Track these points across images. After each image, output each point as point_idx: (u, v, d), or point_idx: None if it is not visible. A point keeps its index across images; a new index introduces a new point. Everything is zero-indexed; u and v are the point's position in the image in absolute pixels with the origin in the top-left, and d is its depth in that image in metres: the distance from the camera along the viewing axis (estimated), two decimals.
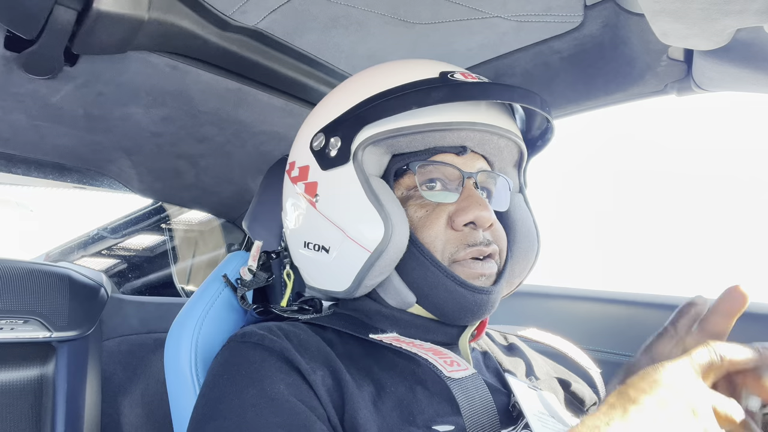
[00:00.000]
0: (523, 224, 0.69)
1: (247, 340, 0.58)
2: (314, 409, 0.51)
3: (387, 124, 0.59)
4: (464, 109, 0.61)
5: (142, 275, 1.79)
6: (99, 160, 1.13)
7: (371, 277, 0.60)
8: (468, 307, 0.60)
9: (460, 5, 0.78)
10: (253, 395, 0.51)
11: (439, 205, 0.62)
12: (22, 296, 1.04)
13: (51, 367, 1.07)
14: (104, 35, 0.73)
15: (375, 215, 0.57)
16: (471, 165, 0.64)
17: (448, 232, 0.61)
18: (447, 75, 0.62)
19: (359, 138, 0.60)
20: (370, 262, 0.58)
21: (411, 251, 0.60)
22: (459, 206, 0.61)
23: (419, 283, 0.61)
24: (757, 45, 0.62)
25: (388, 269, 0.60)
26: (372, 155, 0.61)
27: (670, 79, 0.85)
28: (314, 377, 0.53)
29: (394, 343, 0.57)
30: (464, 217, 0.60)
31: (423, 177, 0.62)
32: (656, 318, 1.06)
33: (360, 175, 0.59)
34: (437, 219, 0.61)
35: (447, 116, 0.60)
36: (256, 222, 0.87)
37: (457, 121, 0.60)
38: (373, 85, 0.63)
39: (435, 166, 0.62)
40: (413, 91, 0.59)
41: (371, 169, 0.61)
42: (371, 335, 0.60)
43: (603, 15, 0.78)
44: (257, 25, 0.82)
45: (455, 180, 0.63)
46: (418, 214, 0.62)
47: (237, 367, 0.55)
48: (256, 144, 1.14)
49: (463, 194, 0.61)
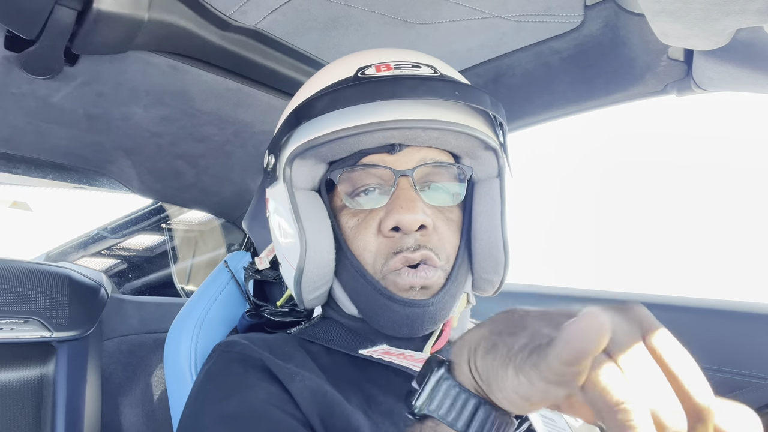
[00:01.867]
0: (486, 217, 0.62)
1: (230, 350, 0.58)
2: (295, 417, 0.51)
3: (306, 134, 0.57)
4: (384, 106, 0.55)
5: (142, 275, 1.79)
6: (99, 160, 1.13)
7: (307, 292, 0.59)
8: (401, 321, 0.56)
9: (460, 5, 0.78)
10: (234, 406, 0.51)
11: (372, 212, 0.58)
12: (22, 296, 1.03)
13: (51, 367, 1.06)
14: (104, 35, 0.73)
15: (295, 231, 0.57)
16: (407, 161, 0.58)
17: (379, 240, 0.57)
18: (360, 72, 0.58)
19: (285, 154, 0.59)
20: (297, 279, 0.58)
21: (343, 263, 0.59)
22: (386, 210, 0.57)
23: (356, 295, 0.59)
24: (757, 45, 0.62)
25: (321, 283, 0.59)
26: (302, 167, 0.60)
27: (670, 79, 0.85)
28: (294, 386, 0.53)
29: (384, 358, 0.57)
30: (387, 222, 0.56)
31: (351, 185, 0.60)
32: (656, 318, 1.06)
33: (288, 191, 0.58)
34: (366, 227, 0.58)
35: (363, 117, 0.55)
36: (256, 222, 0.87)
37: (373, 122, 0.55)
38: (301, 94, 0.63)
39: (364, 170, 0.59)
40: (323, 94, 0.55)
41: (303, 182, 0.60)
42: (360, 350, 0.59)
43: (603, 15, 0.78)
44: (257, 25, 0.82)
45: (389, 180, 0.58)
46: (350, 223, 0.60)
47: (219, 378, 0.55)
48: (256, 144, 1.14)
49: (393, 196, 0.57)
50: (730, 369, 0.94)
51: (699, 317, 0.99)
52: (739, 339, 0.94)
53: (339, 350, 0.60)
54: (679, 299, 1.04)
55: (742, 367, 0.93)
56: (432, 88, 0.54)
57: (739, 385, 0.92)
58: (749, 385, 0.92)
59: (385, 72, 0.58)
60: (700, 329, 0.99)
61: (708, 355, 0.97)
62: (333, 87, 0.58)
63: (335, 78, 0.59)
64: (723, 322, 0.97)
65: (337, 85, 0.58)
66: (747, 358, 0.93)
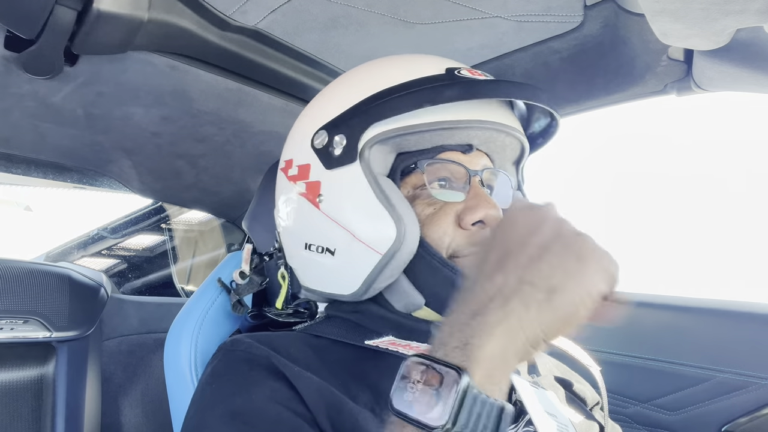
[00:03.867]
0: None
1: (235, 349, 0.58)
2: (301, 415, 0.50)
3: (395, 122, 0.58)
4: (473, 107, 0.60)
5: (142, 275, 1.79)
6: (99, 160, 1.13)
7: (381, 280, 0.58)
8: None
9: (460, 5, 0.78)
10: (239, 404, 0.51)
11: (447, 204, 0.60)
12: (22, 296, 1.03)
13: (51, 367, 1.06)
14: (104, 35, 0.73)
15: (386, 216, 0.56)
16: (476, 163, 0.63)
17: (457, 231, 0.60)
18: (454, 72, 0.61)
19: (366, 136, 0.58)
20: (382, 264, 0.57)
21: (418, 252, 0.58)
22: (467, 205, 0.60)
23: (429, 283, 0.59)
24: (757, 45, 0.62)
25: (398, 271, 0.59)
26: (379, 154, 0.60)
27: (670, 79, 0.85)
28: (301, 383, 0.52)
29: (390, 347, 0.57)
30: (473, 216, 0.59)
31: (431, 175, 0.61)
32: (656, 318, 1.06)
33: (368, 175, 0.57)
34: (445, 217, 0.60)
35: (456, 114, 0.58)
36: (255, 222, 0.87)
37: (466, 119, 0.59)
38: (376, 80, 0.62)
39: (443, 164, 0.61)
40: (424, 88, 0.57)
41: (378, 168, 0.60)
42: (366, 341, 0.59)
43: (603, 15, 0.78)
44: (257, 25, 0.82)
45: (461, 178, 0.62)
46: (426, 212, 0.60)
47: (224, 376, 0.55)
48: (256, 144, 1.14)
49: (471, 193, 0.60)
50: (730, 369, 0.94)
51: (699, 317, 0.99)
52: (739, 339, 0.94)
53: (345, 342, 0.60)
54: (679, 299, 1.04)
55: (742, 367, 0.93)
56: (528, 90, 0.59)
57: (739, 385, 0.92)
58: (749, 385, 0.92)
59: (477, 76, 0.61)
60: (700, 329, 0.99)
61: (708, 355, 0.97)
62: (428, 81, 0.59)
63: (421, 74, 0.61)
64: (723, 322, 0.97)
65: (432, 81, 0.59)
66: (747, 358, 0.93)
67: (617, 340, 1.08)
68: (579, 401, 0.71)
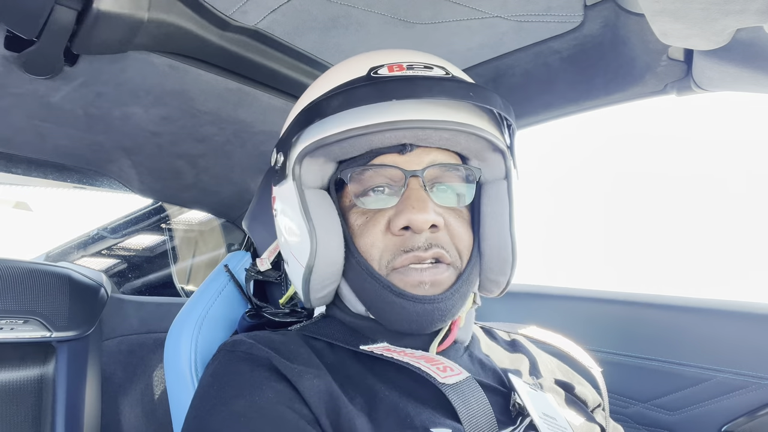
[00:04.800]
0: (494, 218, 0.63)
1: (236, 350, 0.58)
2: (304, 416, 0.50)
3: (317, 133, 0.57)
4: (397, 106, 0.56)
5: (142, 275, 1.79)
6: (99, 160, 1.13)
7: (315, 291, 0.60)
8: (411, 317, 0.56)
9: (460, 5, 0.78)
10: (242, 406, 0.51)
11: (379, 212, 0.59)
12: (22, 296, 1.03)
13: (51, 367, 1.06)
14: (104, 35, 0.73)
15: (304, 229, 0.58)
16: (417, 161, 0.59)
17: (387, 239, 0.58)
18: (372, 72, 0.58)
19: (294, 152, 0.60)
20: (306, 277, 0.58)
21: (350, 261, 0.59)
22: (396, 209, 0.58)
23: (363, 294, 0.60)
24: (757, 45, 0.62)
25: (329, 281, 0.60)
26: (312, 166, 0.60)
27: (670, 79, 0.85)
28: (303, 384, 0.53)
29: (385, 354, 0.57)
30: (397, 222, 0.56)
31: (361, 185, 0.60)
32: (656, 318, 1.06)
33: (298, 189, 0.58)
34: (374, 226, 0.59)
35: (376, 117, 0.56)
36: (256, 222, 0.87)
37: (386, 121, 0.55)
38: (310, 93, 0.63)
39: (375, 171, 0.59)
40: (336, 93, 0.56)
41: (312, 181, 0.60)
42: (362, 346, 0.59)
43: (603, 15, 0.78)
44: (257, 25, 0.82)
45: (399, 181, 0.59)
46: (358, 222, 0.60)
47: (226, 378, 0.55)
48: (256, 144, 1.14)
49: (403, 196, 0.58)
50: (730, 369, 0.94)
51: (699, 317, 0.99)
52: (739, 339, 0.94)
53: (342, 345, 0.61)
54: (679, 299, 1.04)
55: (742, 367, 0.93)
56: (446, 88, 0.55)
57: (739, 385, 0.93)
58: (749, 385, 0.92)
59: (398, 72, 0.58)
60: (700, 329, 0.99)
61: (708, 355, 0.97)
62: (345, 86, 0.58)
63: (346, 77, 0.60)
64: (723, 322, 0.97)
65: (349, 84, 0.58)
66: (747, 358, 0.93)
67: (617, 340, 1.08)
68: (580, 403, 0.71)
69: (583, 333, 1.08)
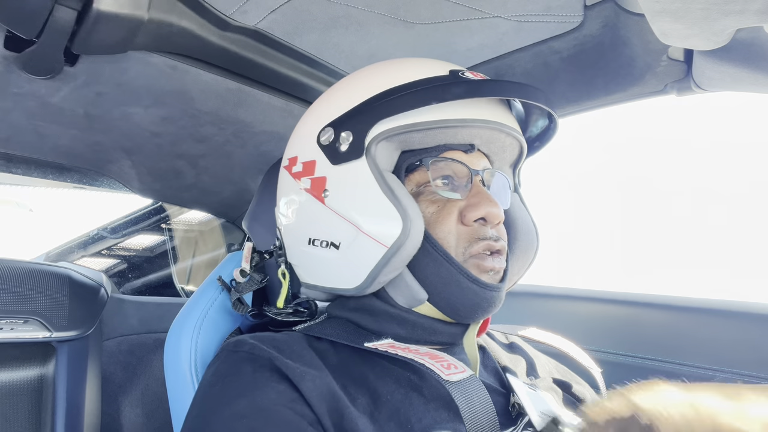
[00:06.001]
0: (523, 222, 0.70)
1: (239, 350, 0.58)
2: (305, 416, 0.50)
3: (401, 119, 0.59)
4: (476, 107, 0.61)
5: (142, 275, 1.79)
6: (99, 160, 1.13)
7: (385, 273, 0.59)
8: (479, 303, 0.60)
9: (460, 5, 0.78)
10: (243, 406, 0.51)
11: (450, 201, 0.62)
12: (22, 296, 1.03)
13: (51, 367, 1.06)
14: (104, 35, 0.73)
15: (392, 210, 0.57)
16: (477, 163, 0.65)
17: (459, 228, 0.61)
18: (457, 73, 0.63)
19: (372, 132, 0.59)
20: (387, 258, 0.57)
21: (424, 247, 0.59)
22: (469, 202, 0.61)
23: (432, 279, 0.60)
24: (757, 45, 0.62)
25: (402, 265, 0.59)
26: (384, 150, 0.61)
27: (670, 79, 0.85)
28: (305, 385, 0.53)
29: (389, 350, 0.57)
30: (475, 213, 0.60)
31: (435, 173, 0.63)
32: (656, 318, 1.06)
33: (374, 170, 0.58)
34: (449, 215, 0.61)
35: (460, 113, 0.60)
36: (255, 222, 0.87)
37: (470, 118, 0.61)
38: (383, 80, 0.63)
39: (446, 163, 0.63)
40: (431, 87, 0.59)
41: (383, 164, 0.61)
42: (366, 344, 0.59)
43: (603, 15, 0.78)
44: (257, 25, 0.82)
45: (463, 177, 0.63)
46: (430, 209, 0.62)
47: (228, 378, 0.55)
48: (256, 144, 1.14)
49: (473, 191, 0.62)
50: (730, 369, 0.94)
51: (699, 317, 0.99)
52: (739, 339, 0.94)
53: (345, 344, 0.61)
54: (679, 299, 1.04)
55: (742, 367, 0.93)
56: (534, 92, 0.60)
57: None
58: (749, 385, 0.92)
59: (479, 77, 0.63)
60: (700, 329, 0.99)
61: (708, 355, 0.97)
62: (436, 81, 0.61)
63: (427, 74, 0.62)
64: (723, 322, 0.97)
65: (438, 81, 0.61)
66: (747, 358, 0.93)
67: (617, 340, 1.08)
68: (578, 402, 0.71)
69: (583, 333, 1.08)
